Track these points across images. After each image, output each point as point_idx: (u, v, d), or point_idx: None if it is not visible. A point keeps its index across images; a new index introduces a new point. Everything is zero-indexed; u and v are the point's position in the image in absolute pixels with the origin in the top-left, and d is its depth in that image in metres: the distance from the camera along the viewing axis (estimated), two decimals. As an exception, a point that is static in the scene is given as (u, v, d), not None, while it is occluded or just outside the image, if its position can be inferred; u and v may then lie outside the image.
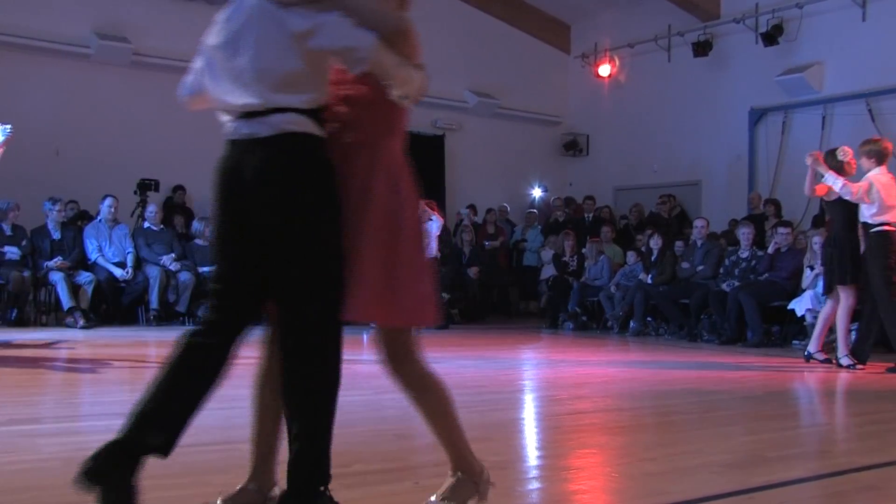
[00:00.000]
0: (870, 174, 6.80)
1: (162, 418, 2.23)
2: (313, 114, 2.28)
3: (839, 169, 6.94)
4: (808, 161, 7.07)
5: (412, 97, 2.34)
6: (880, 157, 6.85)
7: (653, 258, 10.59)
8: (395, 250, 2.33)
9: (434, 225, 7.76)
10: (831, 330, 7.23)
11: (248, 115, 2.26)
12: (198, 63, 2.44)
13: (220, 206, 2.33)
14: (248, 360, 2.48)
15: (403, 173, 2.41)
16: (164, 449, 2.23)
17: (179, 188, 11.77)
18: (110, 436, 2.16)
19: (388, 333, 2.40)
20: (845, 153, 7.01)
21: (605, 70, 14.39)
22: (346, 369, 2.34)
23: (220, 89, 2.32)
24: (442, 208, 10.84)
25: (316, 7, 2.22)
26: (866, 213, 6.80)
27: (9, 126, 6.61)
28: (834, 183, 6.78)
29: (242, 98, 2.26)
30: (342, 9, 2.22)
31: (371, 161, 2.34)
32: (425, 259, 2.44)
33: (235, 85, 2.28)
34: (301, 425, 2.28)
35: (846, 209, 6.95)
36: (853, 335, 7.37)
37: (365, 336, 9.25)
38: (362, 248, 2.29)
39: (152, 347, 7.73)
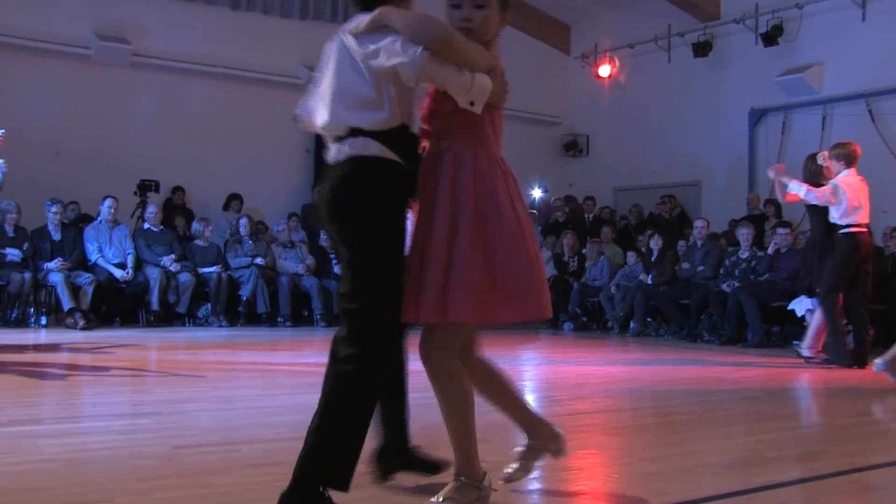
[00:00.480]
0: (837, 177, 6.97)
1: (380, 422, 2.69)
2: (384, 136, 2.41)
3: (818, 173, 7.15)
4: (771, 174, 7.33)
5: (480, 102, 2.42)
6: (849, 160, 7.01)
7: (653, 258, 10.59)
8: (494, 249, 2.41)
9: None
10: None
11: (336, 140, 2.45)
12: (317, 87, 2.63)
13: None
14: (247, 363, 2.48)
15: (496, 175, 2.51)
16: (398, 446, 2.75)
17: (179, 189, 11.76)
18: (111, 436, 2.16)
19: (441, 325, 2.42)
20: (824, 158, 7.20)
21: (605, 70, 14.39)
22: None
23: (316, 113, 2.54)
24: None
25: (381, 32, 2.37)
26: (835, 215, 6.97)
27: (2, 130, 6.57)
28: (798, 190, 6.99)
29: (322, 117, 2.48)
30: (399, 28, 2.35)
31: (458, 168, 2.45)
32: (530, 255, 2.48)
33: (321, 107, 2.49)
34: (320, 422, 2.34)
35: (822, 213, 7.13)
36: (850, 337, 7.37)
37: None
38: (461, 254, 2.37)
39: (153, 349, 7.73)
